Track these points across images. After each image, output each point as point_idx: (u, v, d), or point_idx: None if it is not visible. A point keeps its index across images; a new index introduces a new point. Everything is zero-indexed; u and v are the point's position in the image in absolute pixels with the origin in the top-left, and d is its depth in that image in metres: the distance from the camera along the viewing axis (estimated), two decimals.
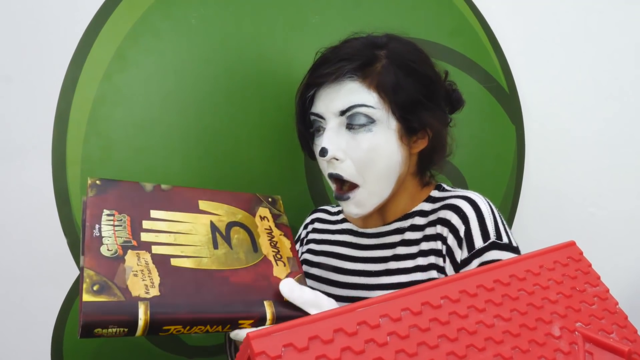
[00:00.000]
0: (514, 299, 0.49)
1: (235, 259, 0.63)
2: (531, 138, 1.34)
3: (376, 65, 0.76)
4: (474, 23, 1.25)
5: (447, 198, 0.81)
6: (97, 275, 0.54)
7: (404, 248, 0.81)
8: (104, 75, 0.96)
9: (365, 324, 0.41)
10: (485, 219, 0.74)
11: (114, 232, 0.60)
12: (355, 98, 0.75)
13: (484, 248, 0.72)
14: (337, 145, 0.76)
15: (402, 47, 0.79)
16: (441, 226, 0.78)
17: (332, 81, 0.76)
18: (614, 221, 1.40)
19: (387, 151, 0.76)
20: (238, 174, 1.05)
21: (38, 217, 0.92)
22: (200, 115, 1.02)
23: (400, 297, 0.44)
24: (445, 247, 0.76)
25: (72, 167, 0.94)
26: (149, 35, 0.98)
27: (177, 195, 0.67)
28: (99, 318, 0.51)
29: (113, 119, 0.96)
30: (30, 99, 0.92)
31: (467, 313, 0.46)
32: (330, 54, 0.79)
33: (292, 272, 0.65)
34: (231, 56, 1.04)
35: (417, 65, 0.78)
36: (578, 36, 1.34)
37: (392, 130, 0.76)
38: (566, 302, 0.51)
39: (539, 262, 0.53)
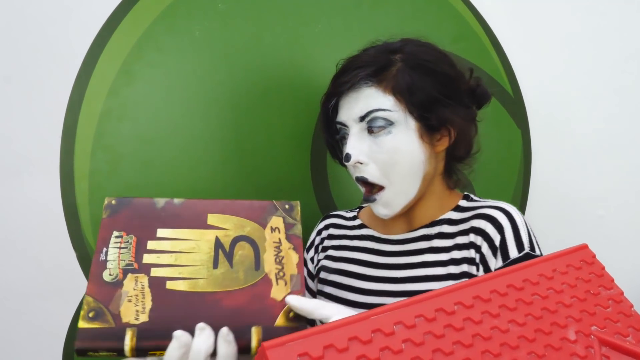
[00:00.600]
0: (528, 304, 0.48)
1: (233, 278, 0.62)
2: (537, 142, 1.33)
3: (391, 69, 0.78)
4: (476, 28, 1.25)
5: (479, 208, 0.81)
6: (94, 302, 0.57)
7: (433, 255, 0.81)
8: (110, 89, 0.96)
9: (380, 331, 0.41)
10: (519, 230, 0.76)
11: (119, 254, 0.61)
12: (373, 103, 0.77)
13: (519, 259, 0.73)
14: (360, 150, 0.79)
15: (417, 49, 0.81)
16: (475, 235, 0.78)
17: (349, 89, 0.79)
18: (623, 224, 1.39)
19: (409, 150, 0.77)
20: (244, 184, 1.05)
21: (47, 231, 0.93)
22: (206, 126, 1.02)
23: (414, 304, 0.44)
24: (479, 256, 0.77)
25: (80, 182, 0.95)
26: (154, 49, 0.98)
27: (188, 210, 0.66)
28: (90, 344, 0.55)
29: (120, 133, 0.97)
30: (38, 114, 0.92)
31: (481, 319, 0.45)
32: (348, 63, 0.82)
33: (293, 291, 0.63)
34: (235, 67, 1.04)
35: (433, 65, 0.79)
36: (581, 38, 1.34)
37: (411, 130, 0.77)
38: (581, 306, 0.51)
39: (551, 266, 0.53)
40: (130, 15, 0.97)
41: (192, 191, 1.01)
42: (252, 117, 1.06)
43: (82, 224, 0.95)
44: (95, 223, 0.95)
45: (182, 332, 0.55)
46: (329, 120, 0.86)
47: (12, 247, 0.91)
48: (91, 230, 0.95)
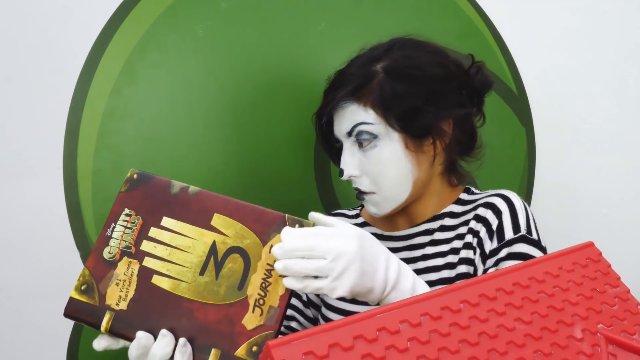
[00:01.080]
0: (534, 302, 0.48)
1: (213, 291, 0.61)
2: (541, 139, 1.33)
3: (372, 83, 0.78)
4: (481, 26, 1.25)
5: (481, 198, 0.82)
6: (89, 276, 0.62)
7: (434, 248, 0.82)
8: (113, 89, 0.96)
9: (385, 329, 0.41)
10: (517, 213, 0.77)
11: (123, 234, 0.64)
12: (355, 118, 0.79)
13: (514, 239, 0.74)
14: (352, 165, 0.81)
15: (401, 55, 0.80)
16: (475, 222, 0.79)
17: (334, 108, 0.81)
18: (627, 222, 1.39)
19: (394, 162, 0.78)
20: (248, 182, 1.05)
21: (50, 231, 0.92)
22: (209, 125, 1.02)
23: (419, 302, 0.44)
24: (476, 240, 0.78)
25: (83, 182, 0.94)
26: (156, 49, 0.98)
27: (198, 203, 0.65)
28: (75, 315, 0.61)
29: (123, 133, 0.97)
30: (40, 114, 0.92)
31: (487, 317, 0.45)
32: (333, 81, 0.84)
33: (265, 325, 0.59)
34: (238, 66, 1.04)
35: (417, 70, 0.78)
36: (585, 36, 1.33)
37: (395, 141, 0.78)
38: (587, 304, 0.50)
39: (557, 264, 0.52)
40: (133, 14, 0.97)
41: None
42: (255, 116, 1.05)
43: (86, 223, 0.95)
44: (98, 223, 0.95)
45: (144, 334, 0.57)
46: (324, 135, 0.89)
47: (14, 247, 0.91)
48: (94, 229, 0.95)
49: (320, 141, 0.91)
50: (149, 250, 0.63)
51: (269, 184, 1.07)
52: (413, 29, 1.18)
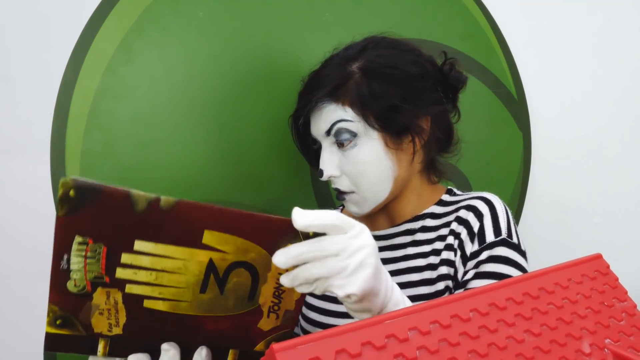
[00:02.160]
0: (543, 313, 0.47)
1: (220, 305, 0.54)
2: (538, 145, 1.32)
3: (349, 83, 0.77)
4: (485, 27, 1.23)
5: (463, 200, 0.82)
6: (60, 311, 0.51)
7: (415, 248, 0.82)
8: (107, 67, 0.93)
9: (394, 337, 0.39)
10: (498, 217, 0.77)
11: (85, 264, 0.50)
12: (333, 116, 0.78)
13: (495, 242, 0.74)
14: (332, 164, 0.80)
15: (376, 54, 0.79)
16: (457, 224, 0.79)
17: (312, 108, 0.80)
18: (618, 231, 1.39)
19: (374, 161, 0.78)
20: (243, 171, 1.03)
21: (36, 213, 0.89)
22: (206, 111, 0.99)
23: (429, 309, 0.42)
24: (457, 241, 0.77)
25: (71, 162, 0.91)
26: (155, 27, 0.95)
27: (178, 218, 0.50)
28: (60, 347, 0.53)
29: (115, 113, 0.93)
30: (29, 90, 0.88)
31: (497, 327, 0.43)
32: (308, 82, 0.83)
33: (282, 325, 0.55)
34: (239, 52, 1.01)
35: (393, 69, 0.77)
36: (589, 45, 1.32)
37: (374, 140, 0.77)
38: (595, 318, 0.49)
39: (567, 275, 0.51)
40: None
41: (188, 177, 0.98)
42: (255, 102, 1.03)
43: None
44: None
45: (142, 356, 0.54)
46: (301, 137, 0.89)
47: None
48: None
49: (297, 143, 0.91)
50: (129, 277, 0.51)
51: (264, 173, 1.05)
52: (418, 26, 1.16)
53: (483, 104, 1.25)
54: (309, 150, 0.90)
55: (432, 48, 1.16)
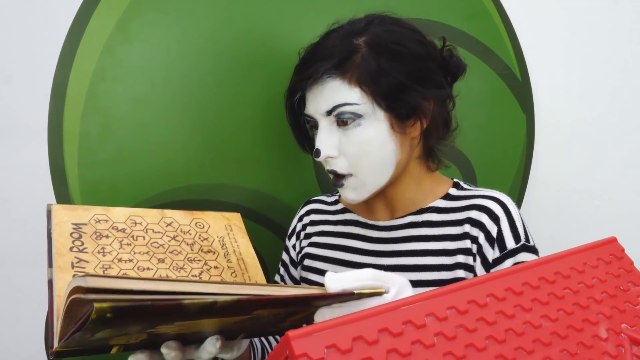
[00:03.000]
0: (559, 298, 0.45)
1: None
2: (541, 128, 1.31)
3: (355, 57, 0.73)
4: (490, 8, 1.21)
5: (471, 197, 0.79)
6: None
7: (421, 244, 0.79)
8: (105, 47, 0.90)
9: (411, 323, 0.38)
10: (515, 221, 0.75)
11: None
12: (338, 97, 0.73)
13: (516, 249, 0.73)
14: (330, 144, 0.75)
15: (382, 29, 0.75)
16: (471, 226, 0.76)
17: (313, 83, 0.75)
18: (619, 215, 1.38)
19: (379, 142, 0.74)
20: (243, 153, 1.01)
21: (33, 196, 0.87)
22: (205, 92, 0.97)
23: (446, 294, 0.41)
24: (476, 246, 0.75)
25: (69, 144, 0.89)
26: (153, 7, 0.92)
27: (231, 308, 0.44)
28: (69, 354, 0.48)
29: (113, 94, 0.91)
30: (25, 71, 0.86)
31: (514, 312, 0.42)
32: (309, 54, 0.78)
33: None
34: (238, 32, 0.99)
35: (401, 46, 0.74)
36: (595, 27, 1.30)
37: (380, 120, 0.74)
38: (611, 302, 0.48)
39: (582, 259, 0.50)
40: None
41: (186, 158, 0.97)
42: (254, 83, 1.00)
43: (70, 188, 0.90)
44: (84, 189, 0.90)
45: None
46: (295, 115, 0.83)
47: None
48: (79, 196, 0.90)
49: (289, 120, 0.85)
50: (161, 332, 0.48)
51: (264, 154, 1.03)
52: (422, 5, 1.14)
53: (487, 86, 1.23)
54: (300, 127, 0.85)
55: (436, 28, 1.15)
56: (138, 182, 0.94)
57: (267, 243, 1.07)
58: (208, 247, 0.66)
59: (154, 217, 0.66)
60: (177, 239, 0.65)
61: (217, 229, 0.70)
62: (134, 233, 0.63)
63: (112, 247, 0.60)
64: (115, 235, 0.61)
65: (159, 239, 0.64)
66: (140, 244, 0.62)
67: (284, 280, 0.98)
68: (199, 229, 0.68)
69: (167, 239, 0.64)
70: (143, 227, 0.64)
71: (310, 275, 0.90)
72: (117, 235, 0.61)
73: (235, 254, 0.68)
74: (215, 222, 0.71)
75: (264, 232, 1.08)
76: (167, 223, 0.66)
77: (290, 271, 0.96)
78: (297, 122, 0.84)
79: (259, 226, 1.07)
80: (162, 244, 0.63)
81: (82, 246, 0.58)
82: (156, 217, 0.66)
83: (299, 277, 0.94)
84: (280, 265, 0.99)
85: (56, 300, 0.52)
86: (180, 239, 0.65)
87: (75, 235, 0.59)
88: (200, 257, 0.64)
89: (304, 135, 0.86)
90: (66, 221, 0.60)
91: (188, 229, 0.67)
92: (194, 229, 0.68)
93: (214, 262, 0.65)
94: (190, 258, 0.63)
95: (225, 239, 0.69)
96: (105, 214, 0.63)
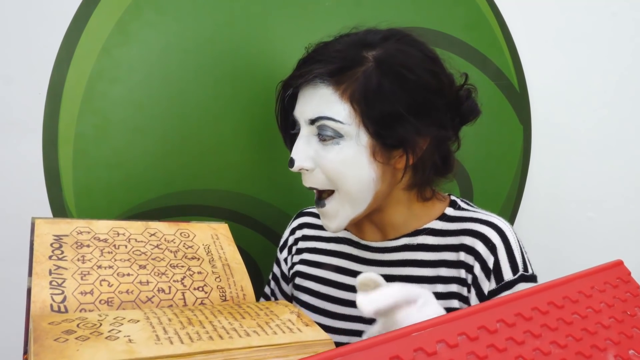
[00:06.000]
0: (568, 324, 0.45)
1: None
2: (538, 139, 1.31)
3: (357, 70, 0.68)
4: (490, 17, 1.21)
5: (467, 220, 0.75)
6: None
7: (417, 269, 0.76)
8: (102, 48, 0.89)
9: (422, 350, 0.37)
10: (513, 250, 0.71)
11: None
12: (325, 109, 0.68)
13: (514, 281, 0.70)
14: (306, 155, 0.71)
15: (397, 48, 0.70)
16: (466, 254, 0.72)
17: (306, 84, 0.70)
18: (612, 226, 1.39)
19: (355, 168, 0.69)
20: (239, 158, 1.00)
21: (26, 197, 0.86)
22: (202, 96, 0.96)
23: (456, 319, 0.40)
24: (471, 277, 0.72)
25: (64, 146, 0.88)
26: (153, 9, 0.91)
27: None
28: None
29: (110, 96, 0.90)
30: (21, 70, 0.85)
31: (523, 339, 0.42)
32: (313, 52, 0.72)
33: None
34: (238, 36, 0.98)
35: (410, 72, 0.68)
36: (594, 39, 1.31)
37: (362, 146, 0.68)
38: (619, 328, 0.48)
39: (589, 283, 0.49)
40: None
41: (182, 164, 0.96)
42: (251, 87, 0.99)
43: (64, 191, 0.88)
44: (78, 192, 0.89)
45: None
46: (285, 111, 0.77)
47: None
48: (73, 198, 0.89)
49: (277, 117, 0.79)
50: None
51: (263, 158, 1.02)
52: (421, 13, 1.14)
53: (484, 96, 1.22)
54: (287, 125, 0.79)
55: (435, 37, 1.14)
56: (133, 186, 0.93)
57: (261, 249, 1.06)
58: (192, 254, 0.65)
59: (137, 228, 0.65)
60: (161, 247, 0.64)
61: (203, 237, 0.69)
62: (116, 242, 0.62)
63: (93, 255, 0.59)
64: (97, 244, 0.60)
65: (142, 247, 0.63)
66: (122, 251, 0.61)
67: (274, 295, 0.95)
68: (183, 238, 0.67)
69: (150, 247, 0.63)
70: (126, 237, 0.63)
71: (302, 295, 0.87)
72: (99, 244, 0.60)
73: (221, 260, 0.67)
74: (201, 232, 0.70)
75: (258, 237, 1.07)
76: (150, 233, 0.65)
77: (281, 285, 0.94)
78: (284, 117, 0.78)
79: (254, 232, 1.06)
80: (145, 252, 0.62)
81: (62, 255, 0.57)
82: (140, 228, 0.65)
83: (291, 294, 0.91)
84: (271, 279, 0.96)
85: (32, 307, 0.52)
86: (163, 247, 0.64)
87: (56, 245, 0.58)
88: (183, 263, 0.63)
89: (288, 135, 0.79)
90: (47, 233, 0.59)
91: (172, 238, 0.66)
92: (178, 238, 0.66)
93: (198, 268, 0.64)
94: (173, 264, 0.62)
95: (211, 246, 0.68)
96: (87, 227, 0.62)
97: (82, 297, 0.54)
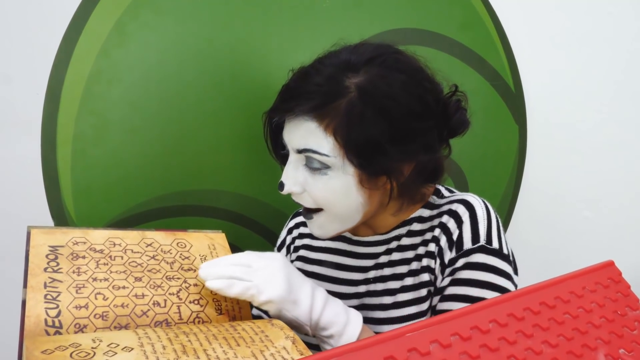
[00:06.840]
0: (560, 323, 0.46)
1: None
2: (533, 139, 1.32)
3: (339, 102, 0.68)
4: (485, 18, 1.21)
5: (447, 203, 0.77)
6: None
7: (400, 254, 0.78)
8: (101, 49, 0.89)
9: (416, 350, 0.38)
10: (478, 222, 0.72)
11: None
12: (310, 141, 0.69)
13: (472, 250, 0.70)
14: (295, 180, 0.73)
15: (380, 75, 0.69)
16: (439, 229, 0.74)
17: (291, 118, 0.71)
18: (608, 226, 1.40)
19: (344, 196, 0.71)
20: (237, 158, 1.01)
21: (24, 198, 0.86)
22: (200, 97, 0.97)
23: (449, 320, 0.41)
24: (437, 249, 0.73)
25: (62, 147, 0.88)
26: (151, 10, 0.92)
27: None
28: None
29: (109, 97, 0.91)
30: (20, 72, 0.85)
31: (515, 339, 0.42)
32: (294, 83, 0.72)
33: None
34: (236, 36, 0.98)
35: (394, 102, 0.68)
36: (589, 40, 1.32)
37: (349, 175, 0.70)
38: (609, 327, 0.49)
39: (581, 283, 0.50)
40: None
41: (182, 162, 0.96)
42: (249, 88, 1.00)
43: (63, 191, 0.89)
44: (77, 192, 0.89)
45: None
46: (274, 134, 0.78)
47: None
48: (72, 198, 0.90)
49: (267, 141, 0.80)
50: None
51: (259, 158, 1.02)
52: (417, 14, 1.14)
53: (480, 96, 1.24)
54: (277, 147, 0.80)
55: (430, 38, 1.15)
56: (131, 186, 0.93)
57: (259, 249, 1.06)
58: (189, 266, 0.65)
59: (134, 238, 0.65)
60: (157, 258, 0.64)
61: (200, 247, 0.69)
62: (112, 253, 0.61)
63: (88, 267, 0.58)
64: (92, 255, 0.60)
65: (138, 258, 0.62)
66: (118, 263, 0.60)
67: None
68: (180, 249, 0.67)
69: (146, 258, 0.63)
70: (122, 247, 0.63)
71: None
72: (95, 255, 0.60)
73: None
74: (198, 242, 0.70)
75: (256, 237, 1.07)
76: (147, 243, 0.65)
77: None
78: (274, 140, 0.79)
79: (251, 232, 1.07)
80: (141, 263, 0.62)
81: (57, 267, 0.57)
82: (136, 238, 0.65)
83: None
84: None
85: (26, 321, 0.51)
86: (160, 257, 0.64)
87: (51, 257, 0.58)
88: (179, 275, 0.63)
89: (280, 156, 0.81)
90: (43, 244, 0.59)
91: (169, 249, 0.66)
92: (175, 249, 0.66)
93: (194, 280, 0.64)
94: (169, 276, 0.62)
95: (207, 257, 0.68)
96: (83, 237, 0.62)
97: (76, 311, 0.54)
